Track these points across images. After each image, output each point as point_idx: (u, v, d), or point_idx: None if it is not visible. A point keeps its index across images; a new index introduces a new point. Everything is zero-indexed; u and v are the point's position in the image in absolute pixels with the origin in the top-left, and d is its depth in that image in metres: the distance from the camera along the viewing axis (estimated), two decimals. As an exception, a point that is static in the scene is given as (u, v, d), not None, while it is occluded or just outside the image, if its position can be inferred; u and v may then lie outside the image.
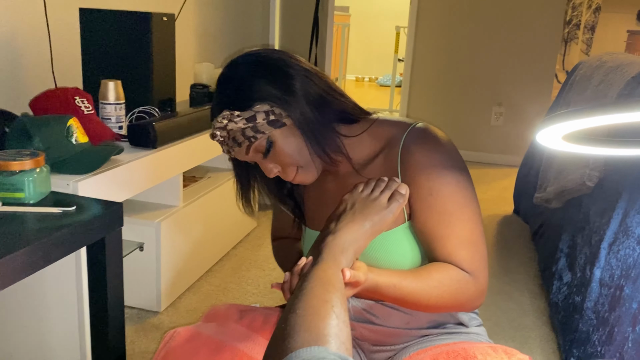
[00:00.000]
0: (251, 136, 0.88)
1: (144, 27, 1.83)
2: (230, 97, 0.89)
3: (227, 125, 0.88)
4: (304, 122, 0.89)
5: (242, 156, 0.93)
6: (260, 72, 0.89)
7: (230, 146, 0.92)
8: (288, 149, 0.90)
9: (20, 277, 0.94)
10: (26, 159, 1.11)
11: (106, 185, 1.45)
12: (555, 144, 0.78)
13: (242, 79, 0.89)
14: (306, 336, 0.57)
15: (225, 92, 0.90)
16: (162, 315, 1.88)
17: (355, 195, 0.88)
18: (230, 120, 0.88)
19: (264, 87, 0.88)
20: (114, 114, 1.71)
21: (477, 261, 0.90)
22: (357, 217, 0.84)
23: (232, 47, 3.30)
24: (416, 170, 0.91)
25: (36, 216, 1.08)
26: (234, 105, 0.88)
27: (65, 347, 1.48)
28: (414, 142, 0.92)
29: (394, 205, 0.85)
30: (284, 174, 0.94)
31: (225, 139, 0.91)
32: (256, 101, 0.87)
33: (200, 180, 2.25)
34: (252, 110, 0.87)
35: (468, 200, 0.91)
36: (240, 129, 0.88)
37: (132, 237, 1.81)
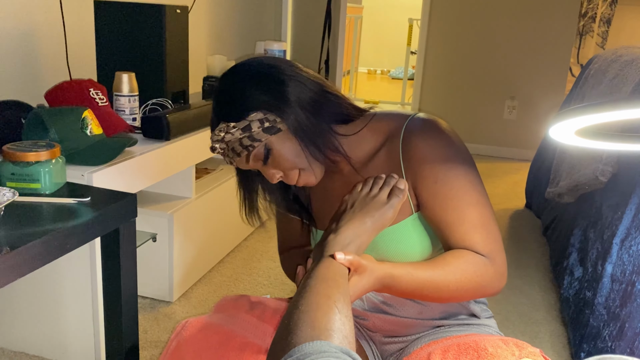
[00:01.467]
0: (248, 145, 0.90)
1: (158, 20, 1.84)
2: (224, 109, 0.92)
3: (224, 138, 0.91)
4: (298, 127, 0.90)
5: (244, 165, 0.95)
6: (252, 81, 0.91)
7: (231, 157, 0.94)
8: (286, 154, 0.91)
9: (36, 267, 0.96)
10: (42, 150, 1.12)
11: (120, 177, 1.46)
12: (568, 139, 0.78)
13: (234, 90, 0.91)
14: (309, 331, 0.58)
15: (220, 105, 0.93)
16: (175, 305, 1.90)
17: (354, 195, 0.90)
18: (226, 132, 0.90)
19: (257, 96, 0.89)
20: (127, 106, 1.72)
21: (491, 243, 0.90)
22: (357, 215, 0.85)
23: (245, 40, 3.31)
24: (418, 160, 0.91)
25: (52, 207, 1.09)
26: (229, 117, 0.90)
27: (79, 335, 1.50)
28: (414, 132, 0.93)
29: (394, 200, 0.86)
30: (287, 178, 0.95)
31: (224, 150, 0.93)
32: (250, 110, 0.89)
33: (213, 172, 2.27)
34: (247, 119, 0.89)
35: (473, 184, 0.91)
36: (237, 139, 0.90)
37: (145, 228, 1.83)
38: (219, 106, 0.93)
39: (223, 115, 0.91)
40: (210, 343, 0.88)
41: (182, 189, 1.96)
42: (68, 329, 1.51)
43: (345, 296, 0.70)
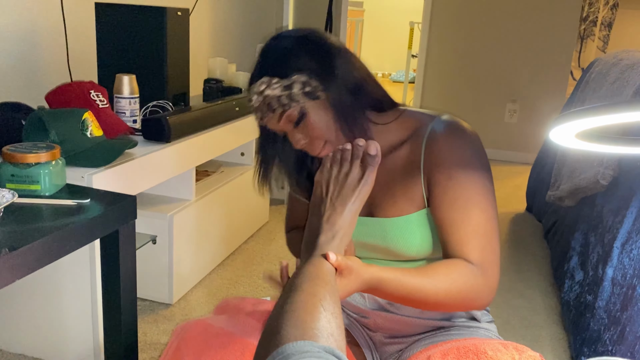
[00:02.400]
0: (285, 104, 0.90)
1: (159, 22, 1.84)
2: (271, 65, 0.91)
3: (264, 91, 0.90)
4: (337, 100, 0.91)
5: (274, 124, 0.94)
6: (304, 45, 0.92)
7: (264, 112, 0.93)
8: (318, 122, 0.92)
9: (35, 268, 0.96)
10: (42, 152, 1.12)
11: (120, 179, 1.46)
12: (569, 142, 0.78)
13: (285, 49, 0.91)
14: (293, 331, 0.57)
15: (267, 61, 0.92)
16: (174, 307, 1.89)
17: (326, 174, 0.88)
18: (268, 86, 0.90)
19: (305, 59, 0.90)
20: (128, 108, 1.72)
21: (488, 253, 0.89)
22: (338, 206, 0.83)
23: (246, 43, 3.31)
24: (439, 156, 0.92)
25: (51, 208, 1.09)
26: (274, 73, 0.90)
27: (78, 336, 1.50)
28: (440, 131, 0.93)
29: (368, 172, 0.84)
30: (311, 146, 0.95)
31: (260, 104, 0.92)
32: (296, 71, 0.89)
33: (213, 175, 2.27)
34: (290, 79, 0.89)
35: (486, 192, 0.91)
36: (276, 96, 0.90)
37: (145, 230, 1.83)
38: (265, 60, 0.93)
39: (268, 70, 0.91)
40: (211, 345, 0.88)
41: (182, 191, 1.96)
42: (67, 331, 1.51)
43: (333, 294, 0.69)
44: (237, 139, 2.20)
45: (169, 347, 0.95)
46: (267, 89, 0.90)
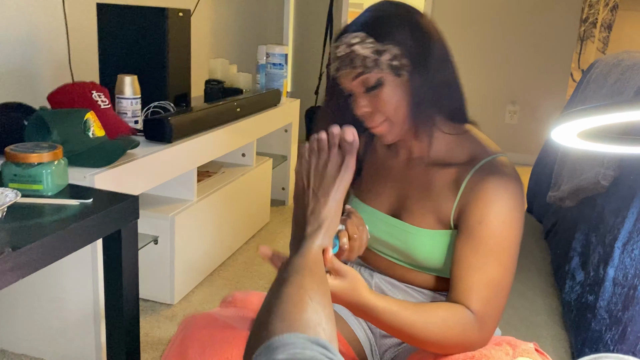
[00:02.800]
0: (368, 67, 0.89)
1: (160, 23, 1.85)
2: (372, 25, 0.90)
3: (354, 45, 0.89)
4: (418, 88, 0.90)
5: (346, 80, 0.92)
6: (412, 21, 0.91)
7: (344, 65, 0.91)
8: (390, 98, 0.91)
9: (37, 268, 0.96)
10: (44, 152, 1.13)
11: (122, 179, 1.46)
12: (571, 141, 0.78)
13: (391, 16, 0.91)
14: (279, 324, 0.56)
15: (370, 19, 0.91)
16: (176, 307, 1.90)
17: (305, 165, 0.85)
18: (361, 42, 0.88)
19: (407, 35, 0.89)
20: (130, 109, 1.72)
21: (491, 308, 0.88)
22: (321, 197, 0.81)
23: (247, 44, 3.32)
24: (478, 195, 0.90)
25: (54, 208, 1.09)
26: (371, 32, 0.89)
27: (80, 336, 1.50)
28: (490, 171, 0.91)
29: (347, 158, 0.81)
30: (371, 118, 0.94)
31: (343, 55, 0.90)
32: (392, 41, 0.88)
33: (214, 175, 2.27)
34: (385, 45, 0.88)
35: (511, 248, 0.89)
36: (363, 55, 0.88)
37: (147, 231, 1.83)
38: (368, 18, 0.91)
39: (368, 28, 0.90)
40: (215, 339, 0.88)
41: (183, 192, 1.96)
42: (69, 331, 1.51)
43: (320, 284, 0.68)
44: (238, 140, 2.20)
45: (174, 339, 0.95)
46: (359, 44, 0.88)
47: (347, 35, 0.90)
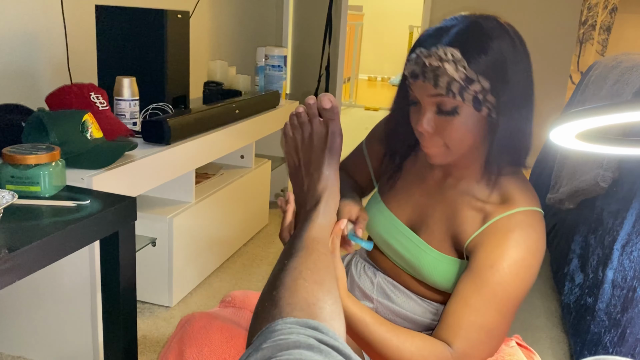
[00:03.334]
0: (451, 90, 0.81)
1: (159, 24, 1.85)
2: (470, 45, 0.81)
3: (444, 61, 0.80)
4: (494, 132, 0.85)
5: (421, 93, 0.85)
6: (514, 58, 0.84)
7: (425, 76, 0.83)
8: (459, 129, 0.84)
9: (34, 269, 0.95)
10: (42, 153, 1.12)
11: (120, 180, 1.46)
12: (569, 143, 0.78)
13: (494, 42, 0.83)
14: (272, 311, 0.54)
15: (469, 37, 0.82)
16: (173, 310, 1.89)
17: (292, 143, 0.81)
18: (454, 62, 0.80)
19: (503, 72, 0.82)
20: (128, 110, 1.72)
21: (477, 352, 0.84)
22: (313, 172, 0.78)
23: (246, 46, 3.32)
24: (499, 239, 0.86)
25: (51, 209, 1.09)
26: (466, 52, 0.80)
27: (77, 338, 1.50)
28: (520, 220, 0.87)
29: (331, 125, 0.77)
30: (429, 138, 0.87)
31: (429, 66, 0.82)
32: (486, 75, 0.81)
33: (213, 177, 2.27)
34: (476, 75, 0.81)
35: (516, 300, 0.86)
36: (451, 77, 0.80)
37: (145, 233, 1.83)
38: (469, 35, 0.82)
39: (465, 47, 0.81)
40: (212, 339, 0.88)
41: (182, 194, 1.96)
42: (67, 333, 1.50)
43: (318, 261, 0.64)
44: (236, 142, 2.20)
45: (172, 337, 0.95)
46: (451, 64, 0.80)
47: (440, 45, 0.81)
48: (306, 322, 0.50)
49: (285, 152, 0.83)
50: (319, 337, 0.48)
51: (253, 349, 0.46)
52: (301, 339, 0.46)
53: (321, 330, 0.50)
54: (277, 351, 0.45)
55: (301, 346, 0.45)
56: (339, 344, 0.48)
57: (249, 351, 0.46)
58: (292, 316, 0.52)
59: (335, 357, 0.45)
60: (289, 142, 0.82)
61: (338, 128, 0.77)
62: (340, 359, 0.46)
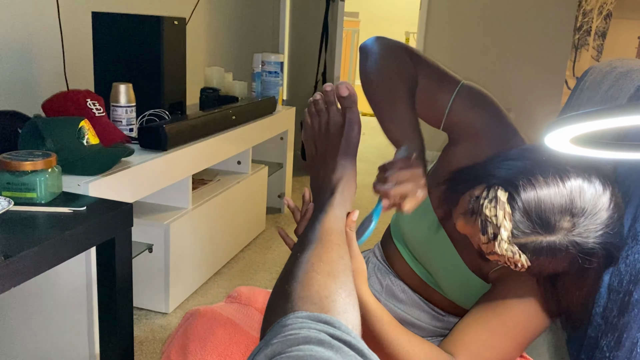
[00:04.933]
0: (507, 257, 0.73)
1: (155, 31, 1.85)
2: (540, 217, 0.71)
3: (497, 205, 0.71)
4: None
5: (464, 228, 0.79)
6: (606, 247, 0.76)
7: (464, 216, 0.77)
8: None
9: (31, 275, 0.95)
10: (38, 160, 1.12)
11: (116, 187, 1.46)
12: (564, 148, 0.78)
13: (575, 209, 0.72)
14: (284, 306, 0.52)
15: (542, 210, 0.71)
16: (170, 316, 1.88)
17: (310, 132, 0.80)
18: (512, 209, 0.71)
19: (574, 254, 0.73)
20: (124, 117, 1.72)
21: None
22: (329, 160, 0.75)
23: (242, 52, 3.33)
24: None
25: (47, 216, 1.09)
26: (534, 222, 0.71)
27: (74, 345, 1.49)
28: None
29: (349, 114, 0.75)
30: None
31: (469, 207, 0.75)
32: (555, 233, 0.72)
33: (210, 183, 2.27)
34: (546, 235, 0.71)
35: (535, 335, 0.86)
36: (504, 224, 0.71)
37: (141, 239, 1.83)
38: (536, 179, 0.72)
39: (530, 215, 0.71)
40: (216, 334, 0.88)
41: (178, 200, 1.96)
42: (63, 340, 1.50)
43: (331, 252, 0.61)
44: (233, 148, 2.20)
45: (176, 330, 0.95)
46: (504, 208, 0.71)
47: (489, 186, 0.73)
48: (318, 316, 0.49)
49: (304, 140, 0.81)
50: (330, 331, 0.46)
51: (263, 344, 0.45)
52: (312, 334, 0.45)
53: (333, 324, 0.48)
54: (287, 347, 0.44)
55: (312, 342, 0.44)
56: (351, 338, 0.46)
57: (259, 345, 0.45)
58: (304, 310, 0.50)
59: (347, 353, 0.44)
60: (307, 130, 0.80)
61: (356, 116, 0.76)
62: (352, 354, 0.44)
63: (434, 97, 0.96)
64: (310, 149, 0.80)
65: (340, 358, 0.43)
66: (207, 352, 0.86)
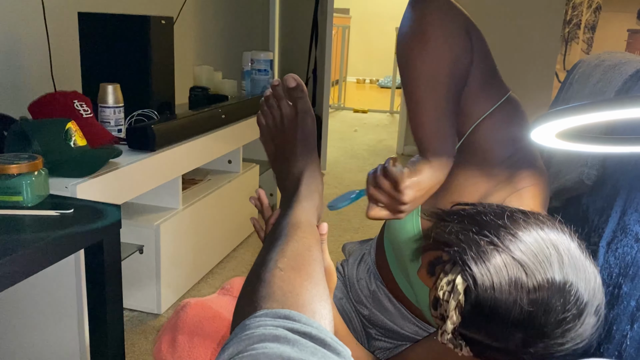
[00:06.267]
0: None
1: (143, 31, 1.84)
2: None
3: (452, 292, 0.65)
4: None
5: (423, 278, 0.75)
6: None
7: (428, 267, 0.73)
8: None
9: (18, 280, 0.95)
10: (24, 162, 1.11)
11: (105, 188, 1.45)
12: (550, 142, 0.78)
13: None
14: (246, 309, 0.51)
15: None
16: (163, 317, 1.88)
17: (265, 132, 0.78)
18: (464, 297, 0.65)
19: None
20: (113, 117, 1.71)
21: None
22: (289, 156, 0.74)
23: (232, 50, 3.31)
24: None
25: (34, 219, 1.08)
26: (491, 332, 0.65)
27: (64, 349, 1.48)
28: None
29: (300, 105, 0.73)
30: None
31: (430, 266, 0.72)
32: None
33: (200, 183, 2.26)
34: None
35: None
36: (452, 317, 0.66)
37: (132, 240, 1.82)
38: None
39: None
40: (204, 328, 0.88)
41: (168, 200, 1.95)
42: (53, 343, 1.49)
43: (297, 247, 0.59)
44: (223, 147, 2.19)
45: (168, 322, 0.95)
46: (454, 325, 0.66)
47: (458, 271, 0.66)
48: (277, 312, 0.48)
49: (262, 141, 0.80)
50: (289, 326, 0.46)
51: (221, 350, 0.45)
52: (267, 332, 0.44)
53: (293, 318, 0.47)
54: (241, 349, 0.43)
55: (266, 339, 0.43)
56: (312, 329, 0.45)
57: (219, 353, 0.45)
58: (265, 308, 0.49)
59: (305, 344, 0.43)
60: (264, 131, 0.79)
61: (307, 106, 0.74)
62: (311, 345, 0.43)
63: (471, 98, 0.81)
64: (270, 149, 0.79)
65: (297, 351, 0.42)
66: (194, 345, 0.86)
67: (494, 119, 0.81)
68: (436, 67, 0.75)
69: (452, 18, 0.78)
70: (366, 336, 1.07)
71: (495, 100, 0.81)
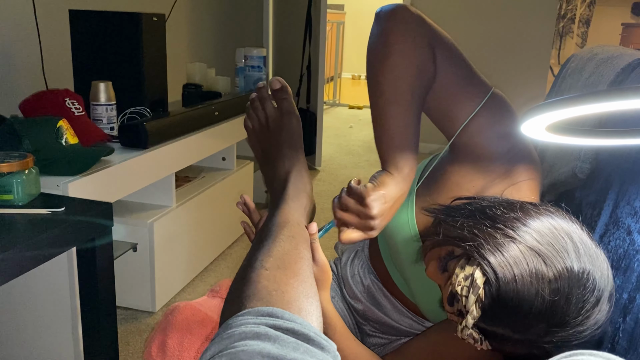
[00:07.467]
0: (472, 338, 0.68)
1: (134, 28, 1.83)
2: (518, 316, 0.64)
3: (470, 287, 0.65)
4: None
5: (433, 276, 0.74)
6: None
7: (438, 264, 0.72)
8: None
9: (8, 279, 0.94)
10: (14, 161, 1.11)
11: (97, 186, 1.44)
12: (540, 135, 0.78)
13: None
14: (230, 309, 0.51)
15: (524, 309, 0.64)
16: (157, 315, 1.88)
17: (252, 135, 0.79)
18: (484, 291, 0.65)
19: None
20: (105, 115, 1.71)
21: None
22: (276, 159, 0.74)
23: (225, 47, 3.30)
24: None
25: (24, 218, 1.08)
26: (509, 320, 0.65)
27: (57, 348, 1.48)
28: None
29: (284, 105, 0.74)
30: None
31: (442, 263, 0.71)
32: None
33: (194, 180, 2.25)
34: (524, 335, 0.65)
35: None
36: (472, 311, 0.65)
37: (125, 238, 1.81)
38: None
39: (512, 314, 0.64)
40: (193, 332, 0.88)
41: (162, 198, 1.94)
42: (46, 343, 1.48)
43: (283, 247, 0.59)
44: (217, 144, 2.19)
45: (157, 326, 0.95)
46: (474, 320, 0.65)
47: (476, 265, 0.66)
48: (259, 310, 0.48)
49: (250, 145, 0.81)
50: (271, 323, 0.46)
51: (204, 351, 0.45)
52: (249, 329, 0.44)
53: (275, 315, 0.47)
54: (222, 348, 0.43)
55: (247, 337, 0.43)
56: (295, 324, 0.45)
57: (202, 354, 0.45)
58: (248, 307, 0.49)
59: (286, 340, 0.43)
60: (250, 134, 0.80)
61: (291, 107, 0.75)
62: (293, 340, 0.43)
63: (452, 103, 0.81)
64: (257, 151, 0.80)
65: (277, 347, 0.42)
66: (184, 349, 0.86)
67: (482, 117, 0.81)
68: (396, 82, 0.76)
69: (413, 32, 0.80)
70: (360, 333, 1.07)
71: (478, 99, 0.82)
